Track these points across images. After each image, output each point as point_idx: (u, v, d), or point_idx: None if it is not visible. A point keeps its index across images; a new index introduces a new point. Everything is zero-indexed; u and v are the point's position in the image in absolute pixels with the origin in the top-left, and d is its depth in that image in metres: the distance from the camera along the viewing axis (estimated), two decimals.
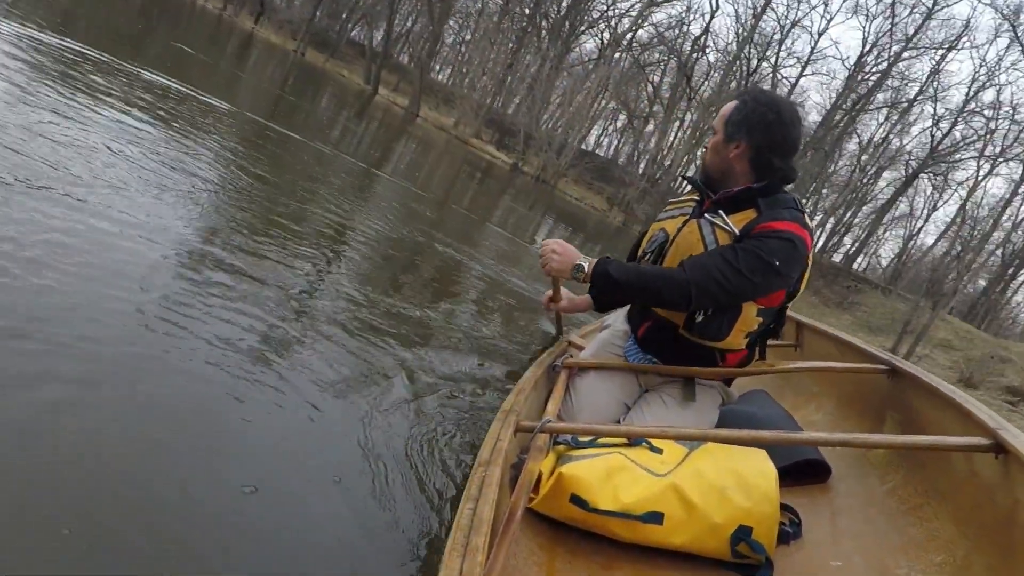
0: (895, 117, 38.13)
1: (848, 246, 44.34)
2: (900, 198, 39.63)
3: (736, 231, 1.83)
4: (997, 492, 1.40)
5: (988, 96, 42.97)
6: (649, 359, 2.04)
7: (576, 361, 2.19)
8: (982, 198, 38.22)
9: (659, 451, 1.56)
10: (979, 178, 36.24)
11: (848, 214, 40.77)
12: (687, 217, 1.99)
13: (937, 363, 27.98)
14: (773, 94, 2.00)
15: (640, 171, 39.88)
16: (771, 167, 1.90)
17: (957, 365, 28.75)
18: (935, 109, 37.36)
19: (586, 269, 1.91)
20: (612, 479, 1.45)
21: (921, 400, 1.92)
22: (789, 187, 1.98)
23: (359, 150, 9.40)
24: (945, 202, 44.05)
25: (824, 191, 38.96)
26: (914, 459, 1.76)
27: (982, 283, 38.10)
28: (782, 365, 2.21)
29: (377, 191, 6.64)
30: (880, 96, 36.85)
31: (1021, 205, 36.66)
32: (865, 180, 38.38)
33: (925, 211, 43.48)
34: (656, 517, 1.42)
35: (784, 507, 1.59)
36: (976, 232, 35.73)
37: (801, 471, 1.88)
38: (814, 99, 45.94)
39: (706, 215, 1.91)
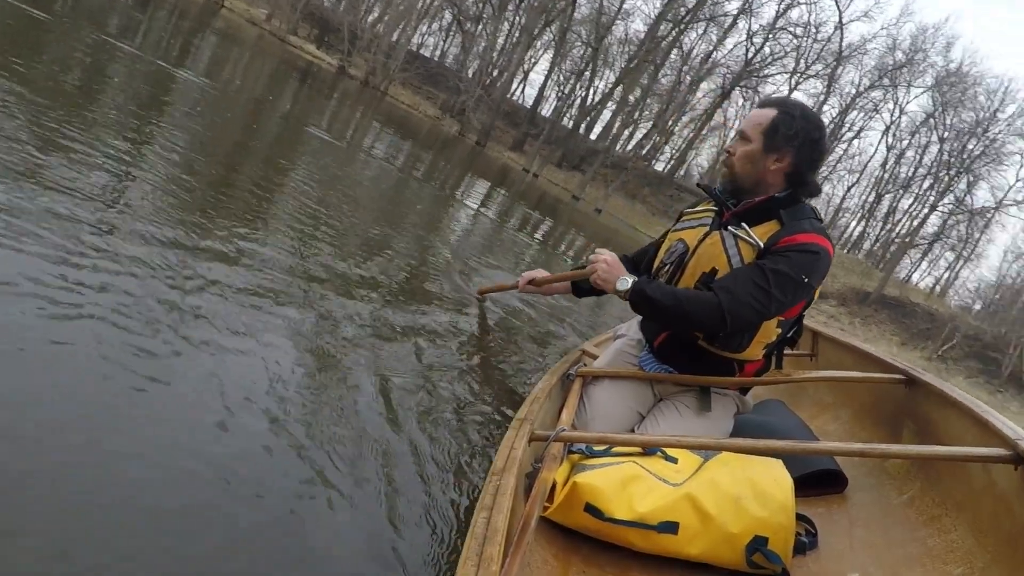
0: (714, 31, 39.36)
1: (669, 154, 46.30)
2: (716, 110, 41.54)
3: (760, 244, 1.82)
4: (1016, 503, 1.37)
5: (796, 14, 45.28)
6: (666, 369, 2.03)
7: (590, 370, 2.19)
8: None
9: (674, 460, 1.56)
10: (787, 93, 38.56)
11: (670, 122, 42.09)
12: (707, 228, 1.97)
13: None
14: (811, 109, 1.98)
15: (471, 75, 38.56)
16: (803, 182, 1.90)
17: None
18: (750, 24, 38.96)
19: (628, 286, 1.91)
20: (627, 488, 1.44)
21: (938, 410, 1.88)
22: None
23: (149, 43, 7.70)
24: None
25: (648, 100, 39.82)
26: (932, 470, 1.73)
27: None
28: (798, 375, 2.20)
29: (180, 95, 5.54)
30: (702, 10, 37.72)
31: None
32: (683, 89, 39.66)
33: (737, 122, 46.01)
34: (671, 527, 1.40)
35: (800, 517, 1.57)
36: None
37: (817, 481, 1.85)
38: (642, 9, 46.26)
39: (729, 227, 1.90)
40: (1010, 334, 28.21)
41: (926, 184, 40.76)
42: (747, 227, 1.85)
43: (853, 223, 48.80)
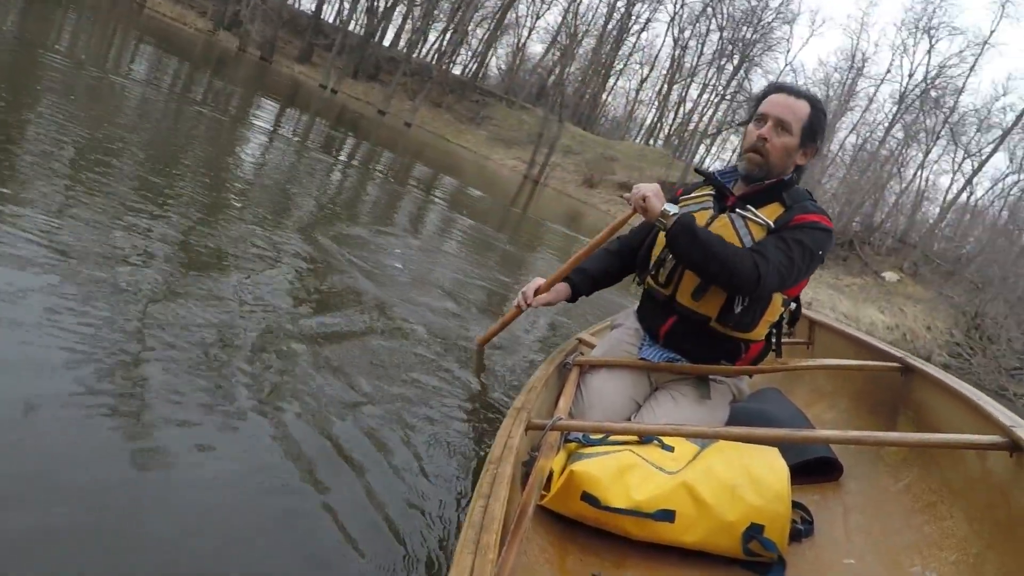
0: None
1: (467, 57, 45.23)
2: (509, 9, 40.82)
3: (770, 223, 1.89)
4: (1012, 490, 1.38)
5: None
6: (673, 357, 2.04)
7: (587, 359, 2.17)
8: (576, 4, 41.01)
9: (670, 449, 1.56)
10: None
11: (465, 22, 40.79)
12: (711, 212, 1.99)
13: (566, 170, 30.67)
14: None
15: None
16: (804, 167, 2.02)
17: (580, 168, 31.72)
18: None
19: (675, 211, 1.88)
20: (623, 477, 1.44)
21: (935, 398, 1.90)
22: None
23: None
24: (548, 9, 46.70)
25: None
26: (928, 457, 1.74)
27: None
28: (795, 363, 2.22)
29: None
30: None
31: (613, 14, 40.44)
32: None
33: (529, 19, 45.75)
34: (668, 515, 1.40)
35: (796, 505, 1.57)
36: (577, 40, 38.66)
37: (813, 469, 1.85)
38: None
39: (738, 210, 1.94)
40: None
41: (711, 73, 43.22)
42: (753, 209, 1.92)
43: (649, 114, 51.03)
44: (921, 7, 39.84)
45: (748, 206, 1.92)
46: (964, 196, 35.79)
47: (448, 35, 39.79)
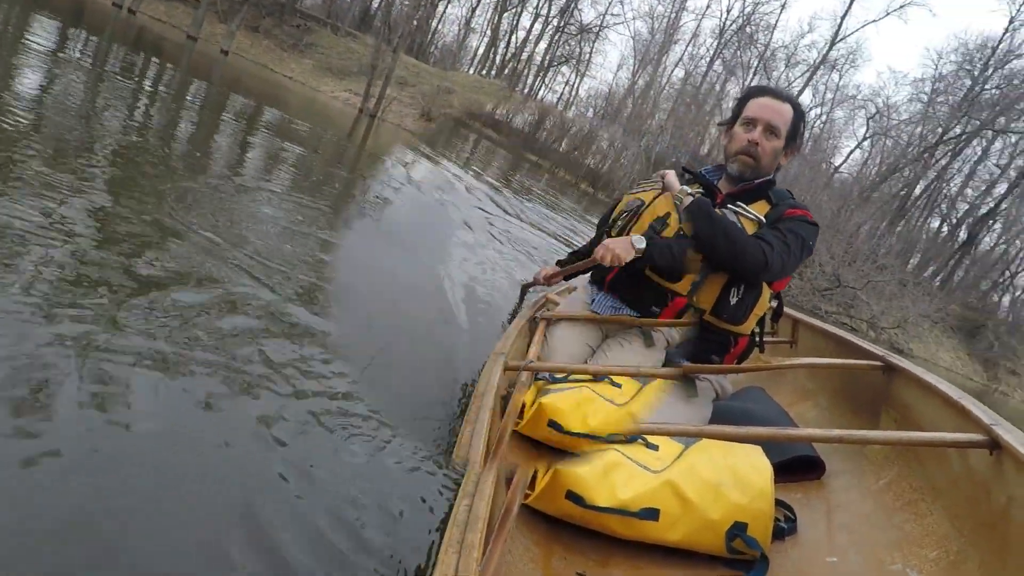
0: None
1: None
2: None
3: (761, 218, 2.01)
4: (991, 488, 1.40)
5: None
6: (618, 306, 2.22)
7: (553, 313, 2.47)
8: None
9: (655, 447, 1.57)
10: None
11: None
12: None
13: (403, 103, 29.38)
14: None
15: None
16: (784, 166, 2.17)
17: (416, 101, 30.55)
18: None
19: (692, 191, 2.08)
20: (608, 476, 1.45)
21: (916, 396, 1.92)
22: None
23: None
24: None
25: None
26: (909, 455, 1.76)
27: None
28: (777, 361, 2.23)
29: None
30: None
31: None
32: None
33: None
34: (652, 513, 1.41)
35: (779, 503, 1.58)
36: None
37: (796, 468, 1.87)
38: None
39: (729, 206, 2.05)
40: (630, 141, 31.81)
41: (541, 2, 42.94)
42: (744, 205, 2.03)
43: (482, 43, 50.07)
44: None
45: (740, 203, 2.04)
46: None
47: None
